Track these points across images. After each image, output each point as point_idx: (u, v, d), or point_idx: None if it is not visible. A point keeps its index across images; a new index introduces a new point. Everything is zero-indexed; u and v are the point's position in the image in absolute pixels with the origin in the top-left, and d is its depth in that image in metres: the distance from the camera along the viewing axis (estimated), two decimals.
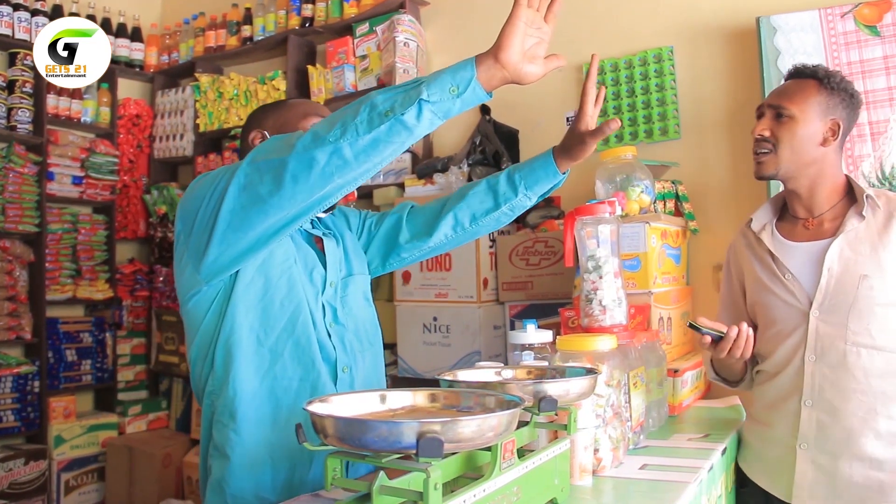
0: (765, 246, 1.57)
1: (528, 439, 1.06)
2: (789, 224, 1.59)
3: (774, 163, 1.51)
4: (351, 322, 1.47)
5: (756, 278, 1.59)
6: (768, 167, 1.53)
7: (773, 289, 1.54)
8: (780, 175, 1.53)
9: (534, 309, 2.35)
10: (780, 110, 1.51)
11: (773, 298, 1.54)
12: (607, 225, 1.54)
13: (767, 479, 1.56)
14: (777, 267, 1.54)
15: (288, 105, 1.49)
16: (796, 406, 1.49)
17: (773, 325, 1.55)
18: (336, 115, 1.09)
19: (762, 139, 1.52)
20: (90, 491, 3.51)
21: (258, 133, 1.45)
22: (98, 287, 3.70)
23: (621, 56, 2.53)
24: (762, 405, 1.60)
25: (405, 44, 2.82)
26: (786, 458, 1.51)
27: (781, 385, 1.53)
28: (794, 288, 1.51)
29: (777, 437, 1.53)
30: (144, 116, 3.94)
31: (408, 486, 0.85)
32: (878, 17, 2.05)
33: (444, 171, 2.65)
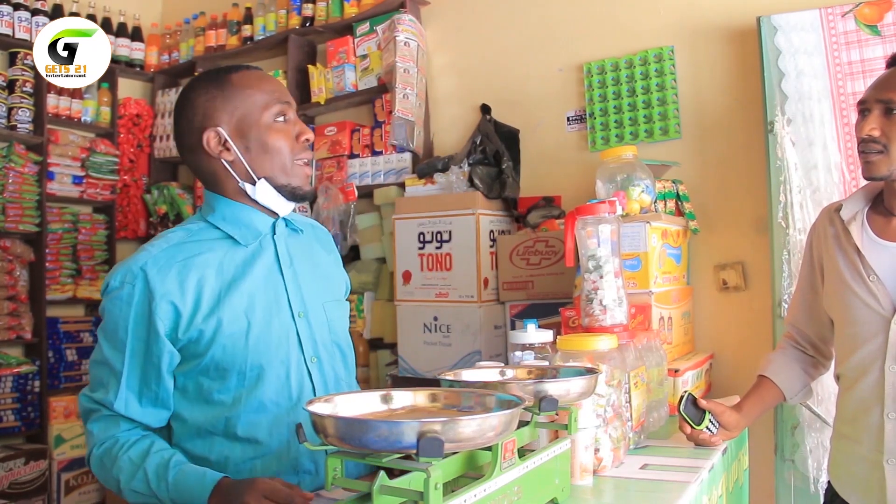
0: (852, 240, 1.44)
1: (528, 439, 1.06)
2: (882, 219, 1.45)
3: (887, 163, 1.37)
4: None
5: (837, 272, 1.46)
6: (880, 168, 1.38)
7: (854, 288, 1.42)
8: (892, 176, 1.39)
9: (534, 309, 2.35)
10: (892, 105, 1.35)
11: (853, 298, 1.42)
12: (608, 224, 1.54)
13: (857, 497, 1.46)
14: (862, 266, 1.41)
15: (237, 87, 1.25)
16: (878, 419, 1.38)
17: (850, 325, 1.44)
18: (143, 483, 1.15)
19: (871, 139, 1.37)
20: (90, 491, 3.50)
21: (213, 133, 1.24)
22: (98, 287, 3.69)
23: (622, 56, 2.53)
24: (845, 417, 1.50)
25: (405, 43, 2.82)
26: (873, 474, 1.40)
27: (861, 395, 1.42)
28: (877, 291, 1.39)
29: (862, 453, 1.43)
30: (145, 116, 3.94)
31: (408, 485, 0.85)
32: (878, 17, 2.05)
33: (444, 170, 2.65)
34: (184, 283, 1.19)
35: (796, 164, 2.10)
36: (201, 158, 1.27)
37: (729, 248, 2.32)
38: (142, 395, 1.20)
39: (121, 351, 1.18)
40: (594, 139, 2.58)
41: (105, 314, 1.21)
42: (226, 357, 1.21)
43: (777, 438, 2.10)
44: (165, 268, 1.19)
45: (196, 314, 1.19)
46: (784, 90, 2.13)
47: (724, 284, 2.31)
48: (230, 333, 1.21)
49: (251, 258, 1.28)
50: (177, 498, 1.13)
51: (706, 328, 2.33)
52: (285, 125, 1.27)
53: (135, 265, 1.19)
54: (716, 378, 2.26)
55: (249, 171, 1.25)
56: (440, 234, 2.53)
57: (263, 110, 1.25)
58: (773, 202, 2.12)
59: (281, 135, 1.25)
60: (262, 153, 1.25)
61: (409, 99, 2.79)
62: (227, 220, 1.28)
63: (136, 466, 1.15)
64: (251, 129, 1.24)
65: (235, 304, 1.22)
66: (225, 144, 1.24)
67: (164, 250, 1.22)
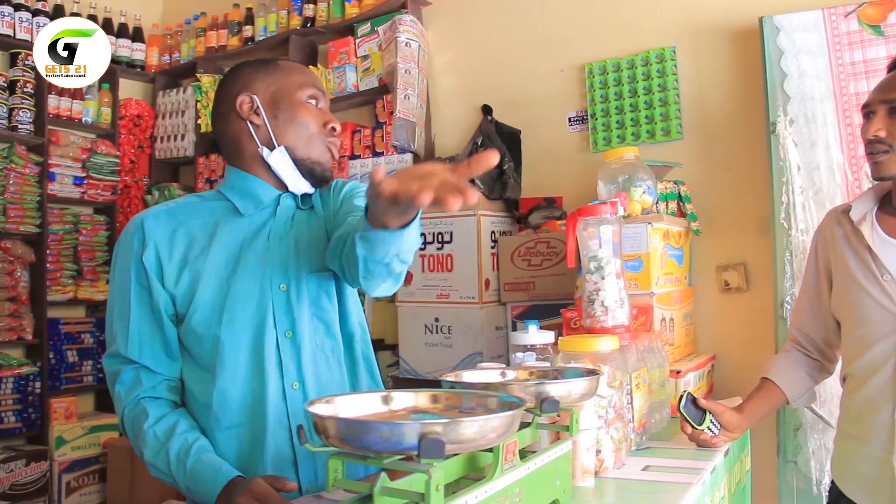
0: (864, 240, 1.44)
1: (530, 440, 1.06)
2: (893, 219, 1.46)
3: (894, 163, 1.38)
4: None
5: (849, 273, 1.46)
6: (889, 168, 1.39)
7: (867, 287, 1.42)
8: None
9: (536, 310, 2.34)
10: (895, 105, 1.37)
11: (865, 298, 1.42)
12: (609, 225, 1.53)
13: (865, 497, 1.45)
14: (875, 265, 1.41)
15: (280, 68, 1.35)
16: (889, 418, 1.38)
17: (861, 325, 1.44)
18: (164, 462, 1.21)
19: (878, 140, 1.38)
20: (91, 492, 3.50)
21: (247, 97, 1.30)
22: (99, 288, 3.70)
23: (624, 56, 2.52)
24: (852, 417, 1.49)
25: (407, 44, 2.81)
26: (882, 474, 1.40)
27: (871, 394, 1.42)
28: (892, 290, 1.39)
29: (870, 453, 1.43)
30: (146, 117, 3.94)
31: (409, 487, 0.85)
32: (882, 17, 2.04)
33: None
34: (173, 239, 1.26)
35: (799, 165, 2.10)
36: (229, 123, 1.33)
37: (731, 250, 2.31)
38: (151, 340, 1.26)
39: (127, 298, 1.25)
40: (596, 140, 2.58)
41: (114, 266, 1.30)
42: (203, 320, 1.24)
43: (779, 440, 2.09)
44: (163, 223, 1.27)
45: (179, 270, 1.25)
46: (786, 91, 2.13)
47: (726, 285, 2.31)
48: (209, 296, 1.25)
49: (247, 228, 1.31)
50: (191, 486, 1.17)
51: (708, 329, 2.33)
52: (316, 109, 1.34)
53: (138, 218, 1.29)
54: (718, 379, 2.26)
55: (272, 138, 1.30)
56: (441, 235, 2.53)
57: (298, 89, 1.32)
58: (776, 203, 2.12)
59: (310, 113, 1.32)
60: (289, 123, 1.31)
61: (410, 100, 2.78)
62: (235, 189, 1.33)
63: (160, 444, 1.20)
64: (283, 101, 1.31)
65: (219, 268, 1.26)
66: (255, 110, 1.30)
67: (169, 209, 1.31)
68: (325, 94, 1.38)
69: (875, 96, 1.42)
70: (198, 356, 1.27)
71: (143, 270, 1.24)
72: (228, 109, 1.32)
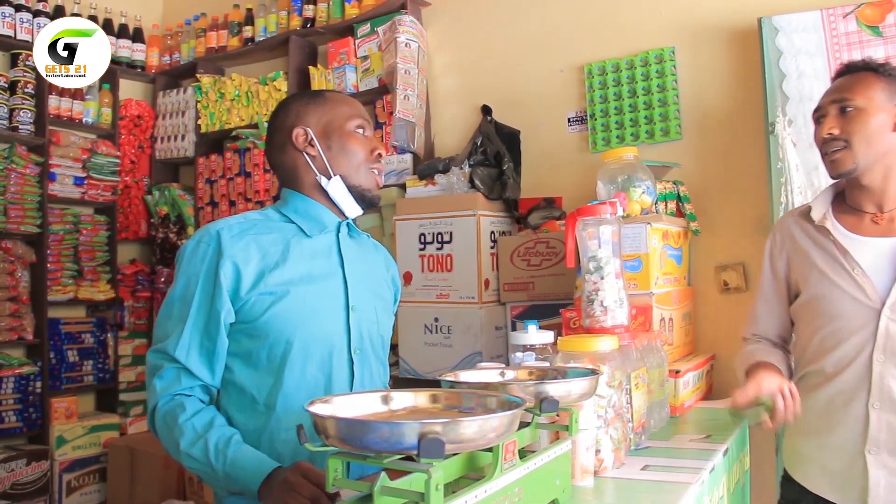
0: (832, 237, 1.48)
1: (529, 440, 1.06)
2: (852, 217, 1.51)
3: (851, 157, 1.43)
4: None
5: (818, 271, 1.50)
6: (845, 163, 1.44)
7: (839, 283, 1.45)
8: (858, 170, 1.45)
9: (535, 310, 2.35)
10: (846, 104, 1.44)
11: (838, 293, 1.45)
12: (609, 226, 1.54)
13: (835, 491, 1.47)
14: (846, 261, 1.46)
15: (328, 100, 1.45)
16: (862, 409, 1.41)
17: (834, 320, 1.46)
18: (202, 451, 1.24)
19: (832, 138, 1.45)
20: (92, 492, 3.51)
21: (302, 130, 1.41)
22: (100, 288, 3.70)
23: (623, 56, 2.53)
24: (817, 411, 1.49)
25: (406, 44, 2.82)
26: (853, 465, 1.43)
27: (843, 387, 1.45)
28: (864, 284, 1.43)
29: (839, 444, 1.45)
30: (146, 117, 3.94)
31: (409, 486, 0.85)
32: (880, 18, 2.05)
33: (445, 171, 2.65)
34: (249, 251, 1.32)
35: (797, 165, 2.10)
36: (286, 153, 1.43)
37: (730, 250, 2.32)
38: (201, 347, 1.29)
39: (188, 304, 1.29)
40: (595, 140, 2.58)
41: (179, 271, 1.34)
42: (277, 324, 1.30)
43: (778, 439, 2.09)
44: (238, 236, 1.33)
45: (256, 282, 1.30)
46: (785, 91, 2.13)
47: (725, 285, 2.31)
48: (285, 303, 1.31)
49: (316, 248, 1.40)
50: (232, 473, 1.21)
51: (707, 329, 2.33)
52: (363, 137, 1.44)
53: (213, 228, 1.34)
54: (717, 379, 2.26)
55: (328, 167, 1.40)
56: (441, 236, 2.53)
57: (347, 120, 1.42)
58: (775, 203, 2.12)
59: (358, 142, 1.42)
60: (341, 153, 1.41)
61: (409, 100, 2.79)
62: (299, 212, 1.42)
63: (198, 435, 1.24)
64: (334, 133, 1.41)
65: (294, 281, 1.34)
66: (310, 142, 1.40)
67: (240, 223, 1.36)
68: (370, 122, 1.48)
69: (825, 100, 1.50)
70: (264, 360, 1.32)
71: (215, 281, 1.28)
72: (285, 141, 1.42)
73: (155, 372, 1.31)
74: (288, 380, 1.31)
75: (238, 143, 3.55)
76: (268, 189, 3.41)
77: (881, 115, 1.43)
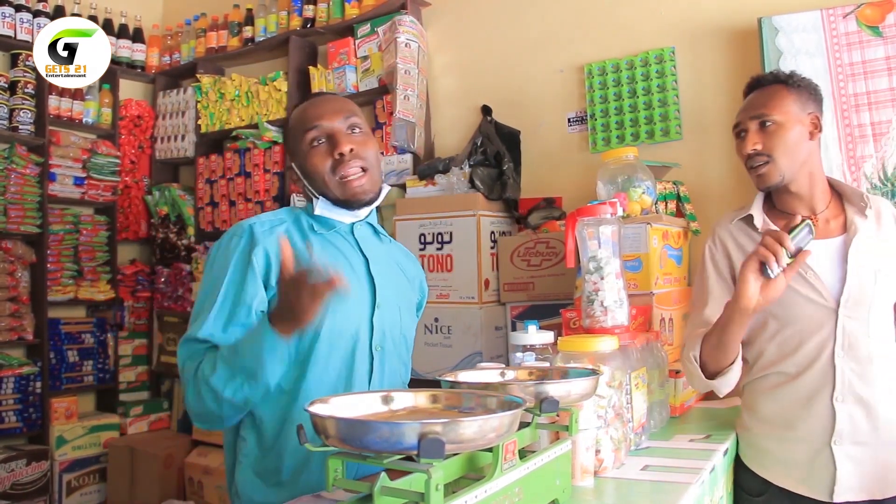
0: None
1: (529, 440, 1.06)
2: (785, 221, 1.57)
3: (776, 171, 1.53)
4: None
5: None
6: (771, 177, 1.54)
7: (795, 287, 1.50)
8: (784, 181, 1.54)
9: (535, 310, 2.34)
10: (764, 119, 1.53)
11: (795, 296, 1.51)
12: (609, 226, 1.54)
13: (800, 482, 1.52)
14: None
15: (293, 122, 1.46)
16: (826, 403, 1.48)
17: (791, 324, 1.52)
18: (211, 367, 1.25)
19: (756, 153, 1.54)
20: (92, 492, 3.51)
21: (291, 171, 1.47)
22: (100, 288, 3.70)
23: (623, 56, 2.53)
24: (779, 408, 1.55)
25: (406, 44, 2.82)
26: (819, 457, 1.49)
27: (806, 385, 1.50)
28: (818, 286, 1.50)
29: (802, 437, 1.51)
30: (146, 117, 3.94)
31: (409, 486, 0.85)
32: (880, 18, 2.05)
33: (445, 172, 2.65)
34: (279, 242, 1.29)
35: None
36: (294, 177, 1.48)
37: None
38: (226, 326, 1.30)
39: (217, 289, 1.31)
40: (595, 140, 2.58)
41: (211, 262, 1.37)
42: None
43: None
44: (269, 229, 1.36)
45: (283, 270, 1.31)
46: None
47: None
48: None
49: (342, 247, 1.43)
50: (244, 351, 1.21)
51: None
52: (320, 147, 1.40)
53: (245, 223, 1.38)
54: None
55: (312, 191, 1.43)
56: (441, 236, 2.53)
57: (302, 139, 1.41)
58: None
59: (317, 158, 1.40)
60: (310, 176, 1.41)
61: (409, 100, 2.79)
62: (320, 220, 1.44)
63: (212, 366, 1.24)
64: (299, 156, 1.43)
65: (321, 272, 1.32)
66: (295, 178, 1.45)
67: (271, 219, 1.40)
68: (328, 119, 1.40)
69: (743, 116, 1.58)
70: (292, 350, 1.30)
71: (247, 267, 1.31)
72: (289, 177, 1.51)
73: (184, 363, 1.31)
74: (312, 371, 1.32)
75: (238, 144, 3.55)
76: (268, 189, 3.41)
77: (798, 127, 1.52)
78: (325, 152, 1.39)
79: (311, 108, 1.44)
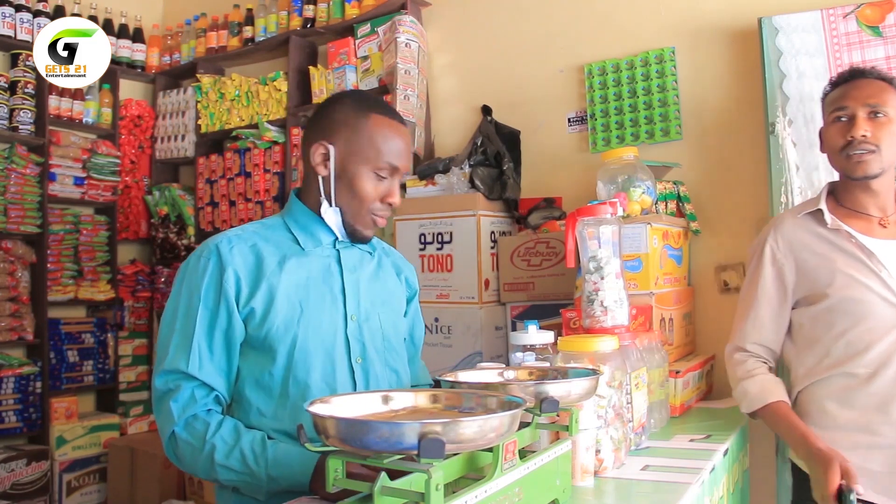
0: (854, 240, 1.52)
1: (529, 440, 1.06)
2: (859, 220, 1.56)
3: (878, 162, 1.50)
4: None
5: (843, 274, 1.52)
6: (872, 167, 1.50)
7: (869, 284, 1.48)
8: (881, 173, 1.52)
9: (535, 310, 2.34)
10: (877, 109, 1.49)
11: (869, 294, 1.48)
12: (609, 226, 1.54)
13: (879, 492, 1.45)
14: (872, 263, 1.50)
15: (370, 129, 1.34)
16: None
17: (862, 322, 1.49)
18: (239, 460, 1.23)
19: (865, 140, 1.49)
20: (92, 492, 3.51)
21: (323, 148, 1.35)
22: (100, 288, 3.70)
23: (623, 56, 2.53)
24: (853, 414, 1.50)
25: (407, 44, 2.82)
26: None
27: (881, 389, 1.46)
28: (893, 285, 1.48)
29: (881, 446, 1.46)
30: (146, 117, 3.94)
31: (409, 486, 0.85)
32: (880, 18, 2.05)
33: (445, 171, 2.65)
34: (247, 259, 1.32)
35: (797, 165, 2.10)
36: (307, 160, 1.40)
37: (730, 250, 2.32)
38: (212, 358, 1.28)
39: (193, 317, 1.28)
40: (595, 140, 2.58)
41: (180, 287, 1.33)
42: (277, 336, 1.29)
43: (778, 440, 2.10)
44: (236, 246, 1.32)
45: (254, 288, 1.30)
46: (785, 91, 2.13)
47: (725, 286, 2.31)
48: (283, 315, 1.30)
49: (313, 259, 1.38)
50: (275, 474, 1.20)
51: (707, 329, 2.33)
52: (379, 182, 1.36)
53: (211, 243, 1.34)
54: (716, 380, 2.26)
55: (332, 194, 1.36)
56: (441, 236, 2.53)
57: (372, 160, 1.34)
58: (775, 203, 2.12)
59: (371, 187, 1.35)
60: (347, 190, 1.36)
61: (410, 100, 2.79)
62: (299, 224, 1.40)
63: (230, 446, 1.23)
64: (351, 166, 1.34)
65: (291, 292, 1.32)
66: (325, 163, 1.36)
67: (238, 235, 1.36)
68: (403, 166, 1.37)
69: (853, 101, 1.52)
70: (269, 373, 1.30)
71: (219, 293, 1.28)
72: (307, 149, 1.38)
73: (168, 396, 1.27)
74: (293, 391, 1.30)
75: (238, 144, 3.55)
76: (268, 189, 3.41)
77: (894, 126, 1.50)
78: (379, 190, 1.36)
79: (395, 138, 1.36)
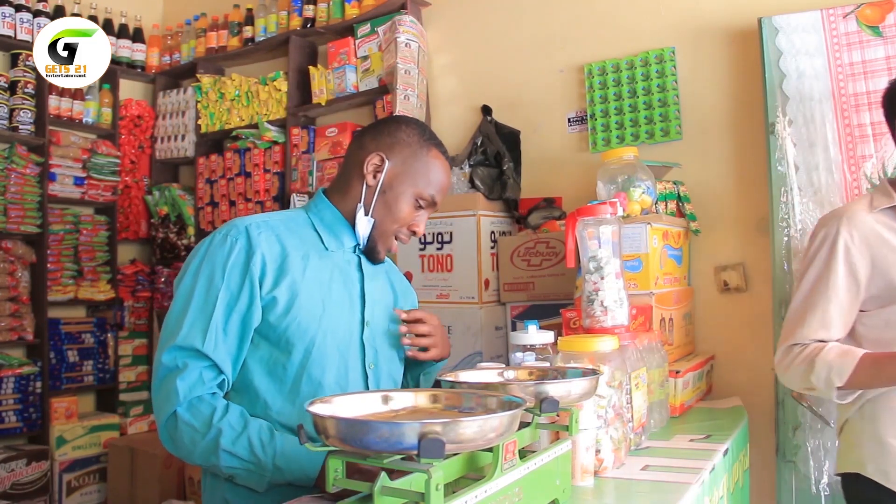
0: None
1: (529, 440, 1.06)
2: None
3: None
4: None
5: None
6: None
7: None
8: None
9: (535, 310, 2.35)
10: None
11: None
12: (609, 226, 1.54)
13: None
14: None
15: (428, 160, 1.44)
16: None
17: None
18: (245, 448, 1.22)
19: None
20: (92, 492, 3.51)
21: (379, 160, 1.40)
22: (100, 288, 3.70)
23: (623, 56, 2.53)
24: None
25: (406, 44, 2.82)
26: None
27: None
28: None
29: None
30: (146, 117, 3.94)
31: (409, 486, 0.85)
32: (880, 18, 2.05)
33: None
34: (273, 247, 1.31)
35: (797, 165, 2.10)
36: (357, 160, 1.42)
37: (730, 250, 2.32)
38: (227, 340, 1.27)
39: (214, 296, 1.26)
40: (595, 140, 2.58)
41: (200, 263, 1.30)
42: (298, 331, 1.30)
43: (778, 439, 2.10)
44: (265, 231, 1.32)
45: (279, 278, 1.29)
46: (785, 91, 2.13)
47: (724, 286, 2.31)
48: (307, 310, 1.31)
49: (336, 259, 1.40)
50: (282, 465, 1.21)
51: (707, 329, 2.33)
52: (416, 210, 1.43)
53: (240, 223, 1.33)
54: (716, 379, 2.26)
55: (371, 205, 1.41)
56: (441, 236, 2.53)
57: (420, 187, 1.42)
58: (775, 203, 2.12)
59: (407, 212, 1.42)
60: (386, 207, 1.41)
61: (410, 100, 2.79)
62: (325, 223, 1.42)
63: (237, 432, 1.22)
64: (399, 185, 1.41)
65: (314, 288, 1.33)
66: (376, 175, 1.40)
67: (266, 221, 1.36)
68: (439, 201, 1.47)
69: None
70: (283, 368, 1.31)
71: (244, 275, 1.27)
72: (364, 156, 1.41)
73: (174, 374, 1.23)
74: (306, 389, 1.30)
75: (238, 144, 3.55)
76: (268, 189, 3.41)
77: None
78: (413, 216, 1.43)
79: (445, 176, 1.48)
